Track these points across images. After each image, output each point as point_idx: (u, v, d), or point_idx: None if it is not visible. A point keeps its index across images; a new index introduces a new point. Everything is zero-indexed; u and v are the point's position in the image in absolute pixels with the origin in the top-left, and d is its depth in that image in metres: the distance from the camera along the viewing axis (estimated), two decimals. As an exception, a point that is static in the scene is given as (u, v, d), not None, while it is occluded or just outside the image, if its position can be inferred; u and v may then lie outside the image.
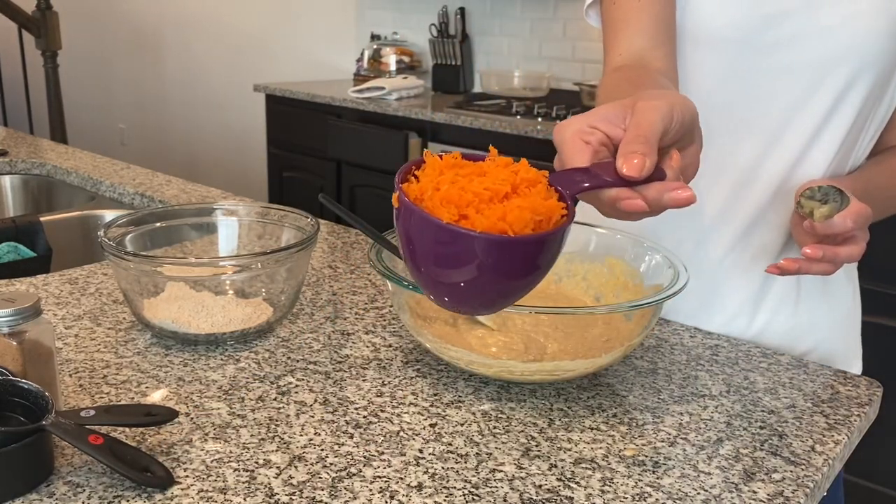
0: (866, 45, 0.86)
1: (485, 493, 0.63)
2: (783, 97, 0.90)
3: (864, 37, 0.86)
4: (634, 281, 0.89)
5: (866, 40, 0.86)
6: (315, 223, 0.95)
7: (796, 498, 0.64)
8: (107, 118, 5.53)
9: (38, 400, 0.62)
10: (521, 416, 0.75)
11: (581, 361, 0.77)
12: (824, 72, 0.88)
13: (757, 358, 0.90)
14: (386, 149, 3.01)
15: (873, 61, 0.87)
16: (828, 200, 0.77)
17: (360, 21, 3.94)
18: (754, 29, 0.88)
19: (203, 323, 0.86)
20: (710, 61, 0.91)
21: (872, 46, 0.86)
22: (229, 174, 4.71)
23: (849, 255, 0.80)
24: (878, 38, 0.86)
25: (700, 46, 0.91)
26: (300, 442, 0.69)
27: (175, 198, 1.48)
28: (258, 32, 4.42)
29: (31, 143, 1.96)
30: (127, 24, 5.18)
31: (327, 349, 0.87)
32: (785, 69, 0.89)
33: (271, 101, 3.51)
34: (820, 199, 0.77)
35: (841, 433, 0.75)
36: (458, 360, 0.79)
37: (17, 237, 1.36)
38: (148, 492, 0.61)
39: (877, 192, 0.91)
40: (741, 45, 0.89)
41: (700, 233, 0.96)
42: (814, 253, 0.78)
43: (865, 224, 0.81)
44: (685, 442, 0.72)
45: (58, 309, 0.95)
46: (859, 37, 0.86)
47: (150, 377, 0.80)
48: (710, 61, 0.91)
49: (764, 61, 0.89)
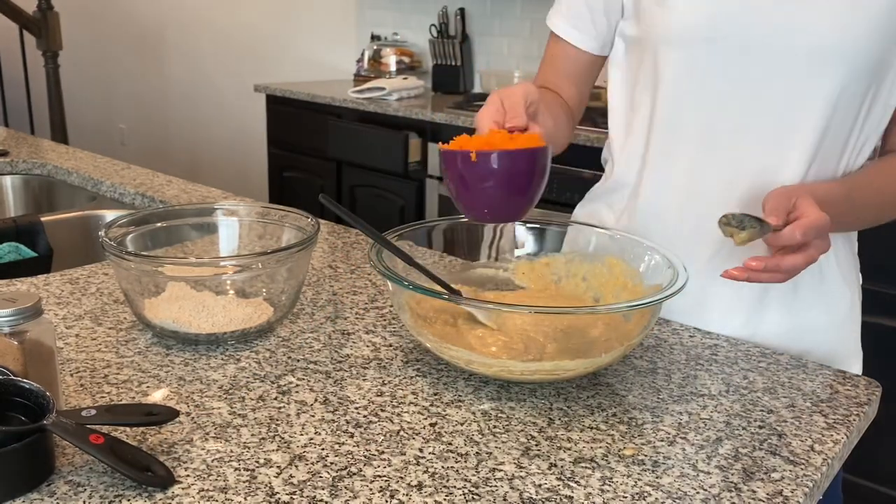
0: (843, 44, 0.87)
1: (485, 493, 0.63)
2: (758, 95, 0.91)
3: (839, 36, 0.87)
4: (634, 281, 0.89)
5: (842, 40, 0.87)
6: (315, 223, 0.96)
7: (795, 497, 0.65)
8: (107, 118, 5.53)
9: (39, 399, 0.62)
10: (520, 415, 0.75)
11: (581, 361, 0.77)
12: (797, 70, 0.89)
13: (756, 357, 0.90)
14: (386, 149, 3.01)
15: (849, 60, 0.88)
16: (745, 227, 0.79)
17: (360, 21, 3.94)
18: (720, 28, 0.90)
19: (204, 323, 0.86)
20: (682, 62, 0.94)
21: (849, 46, 0.87)
22: (230, 174, 4.71)
23: (793, 265, 0.80)
24: (854, 38, 0.87)
25: (672, 47, 0.94)
26: (301, 441, 0.69)
27: (176, 198, 1.49)
28: (259, 33, 4.42)
29: (31, 143, 1.96)
30: (128, 25, 5.19)
31: (328, 349, 0.88)
32: (756, 67, 0.90)
33: (272, 102, 3.51)
34: (736, 225, 0.80)
35: (840, 433, 0.75)
36: (457, 360, 0.79)
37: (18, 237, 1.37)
38: (149, 491, 0.61)
39: (858, 198, 0.92)
40: (709, 44, 0.91)
41: (690, 232, 0.97)
42: (757, 265, 0.79)
43: (818, 234, 0.80)
44: (684, 441, 0.72)
45: (59, 309, 0.96)
46: (834, 36, 0.87)
47: (151, 377, 0.80)
48: (682, 62, 0.94)
49: (735, 60, 0.91)
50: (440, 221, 0.97)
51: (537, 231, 1.00)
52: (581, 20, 1.06)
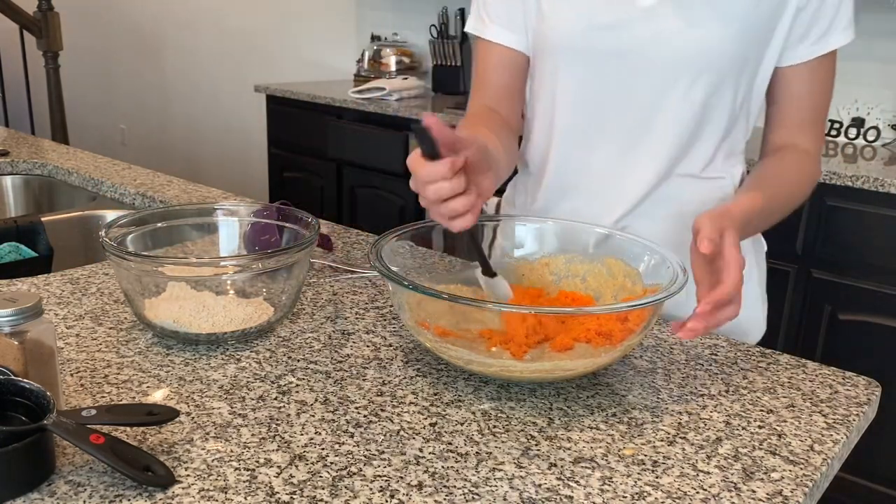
0: (705, 51, 0.96)
1: (484, 493, 0.63)
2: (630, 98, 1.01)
3: (700, 43, 0.96)
4: (633, 281, 0.89)
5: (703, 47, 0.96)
6: (315, 223, 0.96)
7: (795, 497, 0.65)
8: (108, 118, 5.54)
9: (39, 399, 0.62)
10: (520, 415, 0.75)
11: (581, 361, 0.77)
12: (667, 75, 0.98)
13: (756, 357, 0.90)
14: (386, 149, 3.02)
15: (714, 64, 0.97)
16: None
17: (360, 22, 3.94)
18: (595, 38, 1.00)
19: (204, 323, 0.86)
20: (570, 67, 1.03)
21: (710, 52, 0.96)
22: (230, 174, 4.71)
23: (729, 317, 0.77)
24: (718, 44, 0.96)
25: (560, 54, 1.04)
26: (301, 441, 0.69)
27: (176, 198, 1.49)
28: (259, 33, 4.42)
29: (32, 143, 1.97)
30: (128, 25, 5.19)
31: (328, 349, 0.88)
32: (632, 73, 0.99)
33: (272, 102, 3.51)
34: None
35: (840, 433, 0.75)
36: (457, 360, 0.79)
37: (18, 237, 1.37)
38: (149, 491, 0.61)
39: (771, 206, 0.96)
40: (587, 52, 1.01)
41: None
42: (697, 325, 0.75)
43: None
44: (684, 441, 0.72)
45: (59, 309, 0.96)
46: (697, 44, 0.96)
47: (151, 377, 0.80)
48: (570, 67, 1.03)
49: (613, 67, 1.00)
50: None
51: (537, 231, 1.00)
52: (508, 19, 1.07)
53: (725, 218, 0.81)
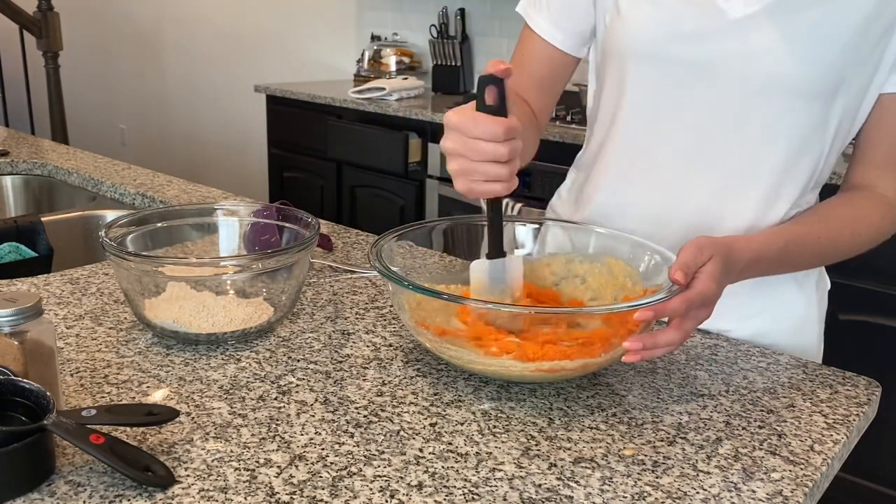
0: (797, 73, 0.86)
1: (484, 493, 0.63)
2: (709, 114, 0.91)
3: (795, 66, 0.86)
4: (633, 281, 0.89)
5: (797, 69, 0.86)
6: (315, 223, 0.96)
7: (795, 497, 0.65)
8: (108, 118, 5.54)
9: (39, 400, 0.62)
10: (520, 415, 0.75)
11: (580, 361, 0.77)
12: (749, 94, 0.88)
13: (756, 357, 0.90)
14: (386, 149, 3.02)
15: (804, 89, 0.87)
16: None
17: (360, 22, 3.94)
18: (677, 47, 0.90)
19: (204, 323, 0.86)
20: (641, 76, 0.94)
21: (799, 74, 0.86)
22: (230, 174, 4.71)
23: (668, 342, 0.75)
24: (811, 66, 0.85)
25: (631, 59, 0.94)
26: (301, 441, 0.69)
27: (176, 198, 1.49)
28: (259, 33, 4.42)
29: (32, 143, 1.96)
30: (128, 25, 5.19)
31: (328, 349, 0.88)
32: (710, 87, 0.90)
33: (272, 102, 3.51)
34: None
35: (840, 433, 0.75)
36: (457, 360, 0.79)
37: (18, 237, 1.37)
38: (149, 491, 0.61)
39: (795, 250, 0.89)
40: (665, 61, 0.92)
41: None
42: (632, 346, 0.73)
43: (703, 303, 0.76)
44: (684, 441, 0.72)
45: (59, 309, 0.96)
46: (790, 65, 0.86)
47: (151, 377, 0.80)
48: (641, 76, 0.94)
49: (691, 77, 0.90)
50: (440, 221, 0.98)
51: (537, 231, 1.00)
52: (562, 16, 1.00)
53: (719, 246, 0.77)
